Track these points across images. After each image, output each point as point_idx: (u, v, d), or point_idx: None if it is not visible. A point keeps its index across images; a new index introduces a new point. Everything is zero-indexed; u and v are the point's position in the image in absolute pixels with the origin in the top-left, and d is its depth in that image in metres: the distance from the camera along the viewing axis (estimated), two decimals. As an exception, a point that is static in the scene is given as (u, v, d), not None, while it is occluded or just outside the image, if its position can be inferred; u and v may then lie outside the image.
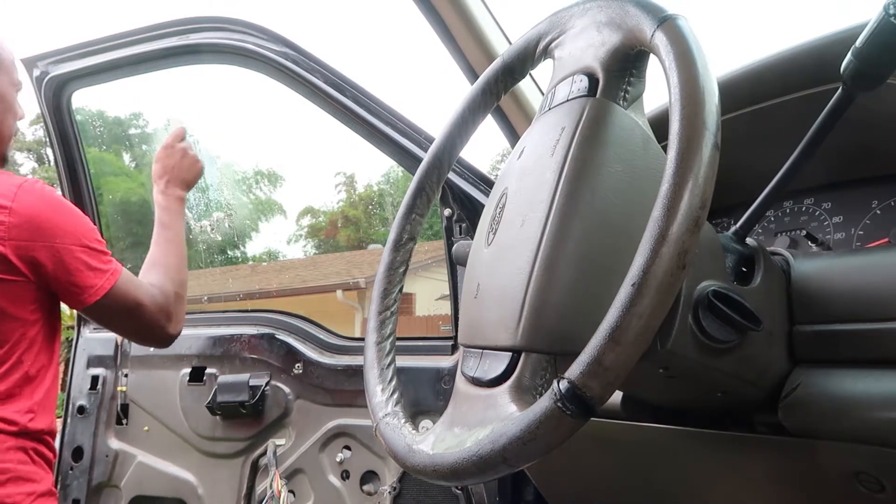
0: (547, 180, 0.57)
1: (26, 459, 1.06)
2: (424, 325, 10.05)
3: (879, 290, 0.60)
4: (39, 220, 1.07)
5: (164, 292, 1.19)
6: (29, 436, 1.08)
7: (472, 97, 0.74)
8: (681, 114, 0.46)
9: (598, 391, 0.44)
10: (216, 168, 3.46)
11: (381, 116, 1.34)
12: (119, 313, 1.14)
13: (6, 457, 1.03)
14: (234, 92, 10.95)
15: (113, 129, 11.94)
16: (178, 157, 1.35)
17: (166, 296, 1.19)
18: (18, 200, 1.06)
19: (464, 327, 0.64)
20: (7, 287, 1.05)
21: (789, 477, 0.69)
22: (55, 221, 1.09)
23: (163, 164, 1.34)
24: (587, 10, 0.61)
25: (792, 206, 0.90)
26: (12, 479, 1.03)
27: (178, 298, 1.21)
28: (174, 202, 1.32)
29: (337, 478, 1.42)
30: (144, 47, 1.52)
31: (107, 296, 1.11)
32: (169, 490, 1.60)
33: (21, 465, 1.05)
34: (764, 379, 0.63)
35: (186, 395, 1.59)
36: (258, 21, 1.42)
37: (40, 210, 1.08)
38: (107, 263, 1.13)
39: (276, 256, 15.89)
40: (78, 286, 1.09)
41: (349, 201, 19.21)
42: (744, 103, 0.83)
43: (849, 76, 0.61)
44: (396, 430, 0.61)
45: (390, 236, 0.76)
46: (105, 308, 1.12)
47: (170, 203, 1.31)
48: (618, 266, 0.48)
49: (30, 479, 1.05)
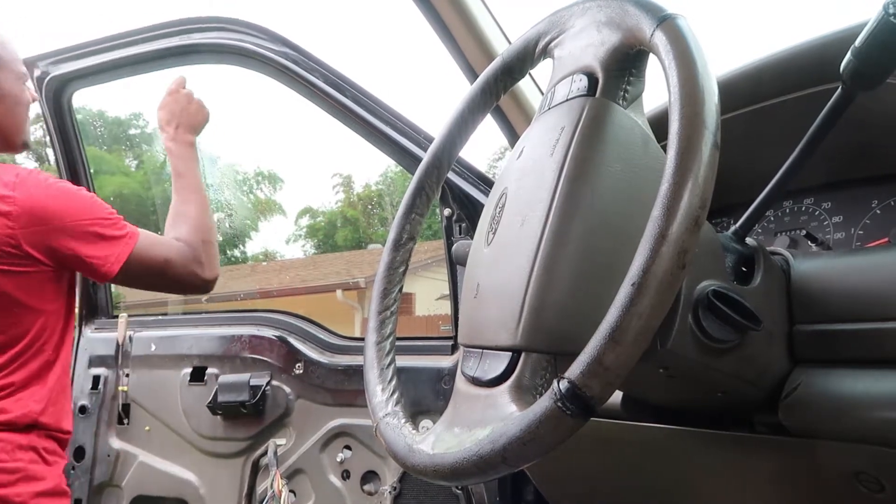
0: (546, 180, 0.57)
1: (37, 458, 1.06)
2: (424, 324, 10.06)
3: (879, 290, 0.60)
4: (44, 205, 1.07)
5: (190, 242, 1.19)
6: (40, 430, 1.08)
7: (472, 97, 0.74)
8: (680, 113, 0.46)
9: (599, 391, 0.44)
10: (217, 168, 3.47)
11: (381, 116, 1.34)
12: (149, 274, 1.15)
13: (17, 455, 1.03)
14: (234, 92, 10.95)
15: (113, 129, 11.94)
16: (184, 102, 1.33)
17: (193, 245, 1.19)
18: (20, 189, 1.07)
19: (464, 327, 0.64)
20: (26, 279, 1.06)
21: (789, 477, 0.69)
22: (59, 203, 1.09)
23: (169, 109, 1.32)
24: (587, 9, 0.61)
25: (792, 205, 0.90)
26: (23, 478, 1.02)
27: (207, 244, 1.21)
28: (186, 148, 1.30)
29: (337, 478, 1.42)
30: (145, 47, 1.52)
31: (129, 261, 1.11)
32: (170, 490, 1.60)
33: (32, 464, 1.05)
34: (764, 379, 0.63)
35: (187, 394, 1.59)
36: (258, 21, 1.42)
37: (43, 196, 1.08)
38: (121, 229, 1.13)
39: (275, 256, 15.89)
40: (98, 259, 1.09)
41: (348, 201, 19.22)
42: (743, 103, 0.83)
43: (848, 76, 0.61)
44: (396, 430, 0.61)
45: (390, 236, 0.76)
46: (133, 272, 1.12)
47: (182, 149, 1.29)
48: (618, 266, 0.48)
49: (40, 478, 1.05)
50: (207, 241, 1.21)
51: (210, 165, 1.38)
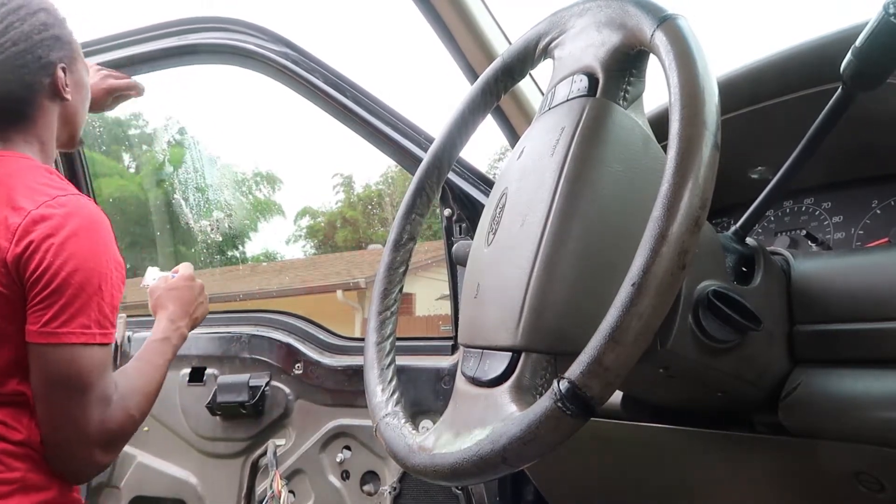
0: (547, 180, 0.57)
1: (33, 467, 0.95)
2: (424, 325, 10.06)
3: (879, 289, 0.60)
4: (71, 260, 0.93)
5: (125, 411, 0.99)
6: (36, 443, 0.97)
7: (472, 97, 0.74)
8: (681, 114, 0.46)
9: (599, 391, 0.44)
10: (216, 168, 3.47)
11: (381, 116, 1.34)
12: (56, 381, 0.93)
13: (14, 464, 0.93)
14: (233, 92, 10.96)
15: (113, 130, 11.95)
16: (196, 294, 1.24)
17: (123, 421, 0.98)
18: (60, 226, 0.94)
19: (464, 327, 0.64)
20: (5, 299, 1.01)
21: (789, 477, 0.69)
22: (86, 263, 0.94)
23: (180, 296, 1.22)
24: (587, 9, 0.61)
25: (792, 205, 0.90)
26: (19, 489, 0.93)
27: (131, 431, 1.01)
28: (178, 338, 1.19)
29: (337, 478, 1.42)
30: (144, 47, 1.52)
31: (57, 349, 0.91)
32: (169, 490, 1.60)
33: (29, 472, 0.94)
34: (764, 379, 0.63)
35: (186, 395, 1.59)
36: (258, 21, 1.42)
37: (77, 248, 0.94)
38: (96, 326, 0.95)
39: (275, 257, 15.90)
40: (39, 314, 0.92)
41: (348, 202, 19.22)
42: (744, 103, 0.83)
43: (849, 76, 0.61)
44: (396, 430, 0.61)
45: (390, 236, 0.76)
46: (44, 360, 0.92)
47: (174, 337, 1.18)
48: (618, 266, 0.48)
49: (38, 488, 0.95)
50: (135, 425, 1.02)
51: (210, 166, 1.38)
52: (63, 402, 0.94)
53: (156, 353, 1.14)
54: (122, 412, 0.98)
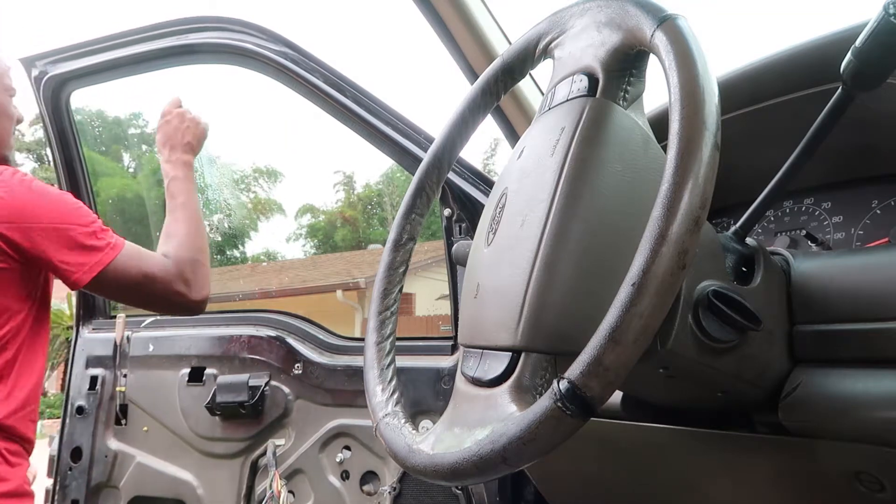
0: (547, 180, 0.57)
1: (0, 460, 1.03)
2: (424, 325, 10.06)
3: (879, 289, 0.60)
4: (21, 203, 1.07)
5: (177, 261, 1.17)
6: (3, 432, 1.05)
7: (472, 97, 0.74)
8: (681, 114, 0.46)
9: (599, 391, 0.44)
10: (216, 168, 3.46)
11: (381, 116, 1.34)
12: (126, 287, 1.13)
13: None
14: (233, 92, 10.95)
15: (112, 130, 11.93)
16: (176, 122, 1.33)
17: (180, 263, 1.17)
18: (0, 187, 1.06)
19: (464, 327, 0.64)
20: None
21: (789, 477, 0.69)
22: (36, 203, 1.09)
23: (163, 132, 1.33)
24: (587, 9, 0.61)
25: (792, 205, 0.90)
26: None
27: (196, 264, 1.20)
28: (180, 168, 1.29)
29: (337, 478, 1.42)
30: (143, 47, 1.52)
31: (105, 272, 1.10)
32: (168, 490, 1.60)
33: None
34: (764, 379, 0.63)
35: (186, 395, 1.59)
36: (258, 21, 1.42)
37: (21, 193, 1.08)
38: (100, 239, 1.11)
39: (275, 257, 15.89)
40: (69, 266, 1.08)
41: (348, 201, 19.21)
42: (744, 103, 0.83)
43: (849, 76, 0.61)
44: (396, 430, 0.61)
45: (390, 236, 0.76)
46: (108, 284, 1.12)
47: (176, 170, 1.29)
48: (618, 266, 0.48)
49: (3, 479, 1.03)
50: (197, 261, 1.19)
51: (209, 166, 1.38)
52: (144, 296, 1.17)
53: (173, 195, 1.27)
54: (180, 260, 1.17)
